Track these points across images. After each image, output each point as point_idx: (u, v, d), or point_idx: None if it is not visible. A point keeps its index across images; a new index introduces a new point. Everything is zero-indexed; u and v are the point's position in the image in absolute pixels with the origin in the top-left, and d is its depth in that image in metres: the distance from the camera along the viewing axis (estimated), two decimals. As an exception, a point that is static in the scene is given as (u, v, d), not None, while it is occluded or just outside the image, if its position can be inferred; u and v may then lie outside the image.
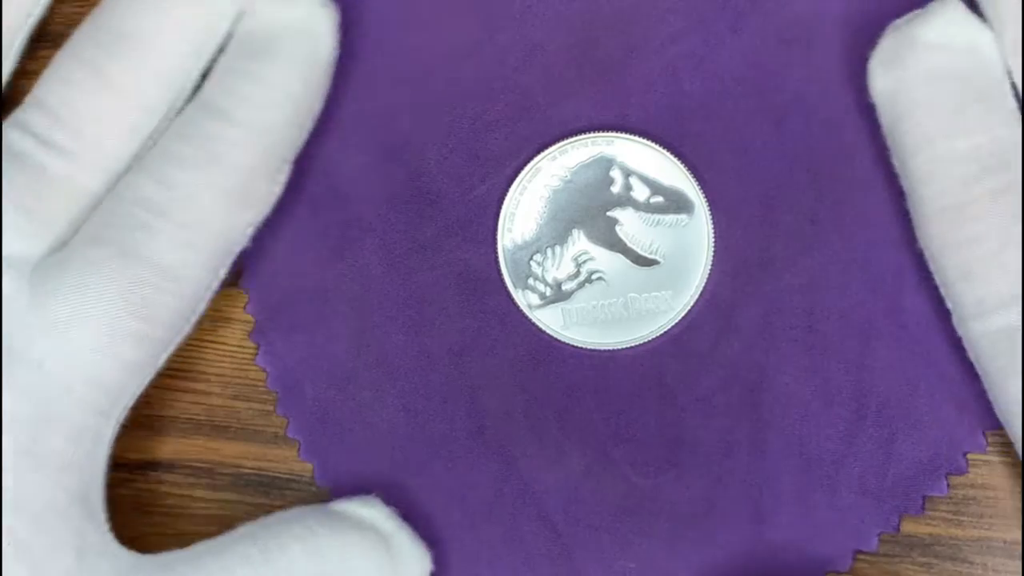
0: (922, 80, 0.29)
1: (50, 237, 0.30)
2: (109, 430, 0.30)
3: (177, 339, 0.30)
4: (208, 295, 0.30)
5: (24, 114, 0.30)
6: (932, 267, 0.29)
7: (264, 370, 0.33)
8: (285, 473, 0.34)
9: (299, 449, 0.33)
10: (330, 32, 0.31)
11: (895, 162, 0.30)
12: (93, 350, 0.29)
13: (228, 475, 0.34)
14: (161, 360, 0.30)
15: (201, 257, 0.29)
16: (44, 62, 0.34)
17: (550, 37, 0.33)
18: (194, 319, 0.30)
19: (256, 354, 0.33)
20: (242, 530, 0.30)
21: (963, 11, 0.29)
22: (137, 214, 0.29)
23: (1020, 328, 0.28)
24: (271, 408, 0.33)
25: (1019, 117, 0.29)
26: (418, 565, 0.31)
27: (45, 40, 0.34)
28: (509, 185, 0.33)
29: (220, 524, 0.34)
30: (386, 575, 0.30)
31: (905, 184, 0.30)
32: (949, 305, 0.29)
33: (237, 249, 0.30)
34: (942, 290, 0.29)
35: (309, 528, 0.30)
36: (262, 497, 0.34)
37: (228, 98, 0.30)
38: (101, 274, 0.29)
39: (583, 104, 0.33)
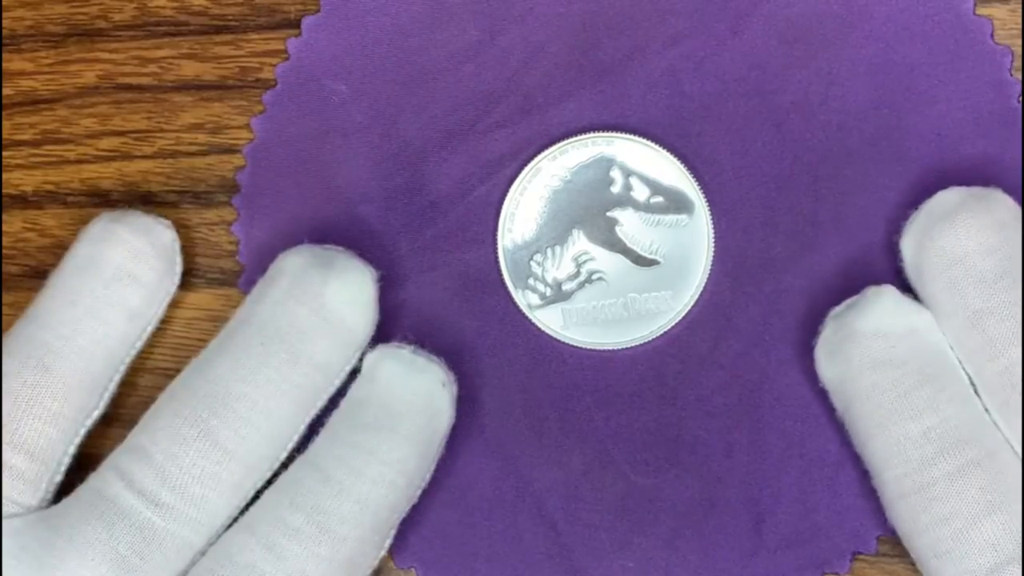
0: (866, 368, 0.29)
1: None
2: None
3: None
4: None
5: (129, 464, 0.29)
6: (905, 545, 0.29)
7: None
8: (284, 473, 0.33)
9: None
10: (450, 409, 0.30)
11: (855, 446, 0.30)
12: None
13: (227, 475, 0.34)
14: None
15: None
16: (42, 62, 0.34)
17: (551, 38, 0.33)
18: None
19: (256, 354, 0.33)
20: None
21: (897, 297, 0.29)
22: None
23: None
24: (271, 408, 0.33)
25: (971, 390, 0.29)
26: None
27: (45, 40, 0.34)
28: (509, 185, 0.33)
29: (219, 524, 0.34)
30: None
31: (868, 466, 0.30)
32: None
33: None
34: (918, 565, 0.29)
35: None
36: (261, 497, 0.34)
37: (342, 470, 0.29)
38: None
39: (584, 105, 0.33)
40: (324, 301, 0.30)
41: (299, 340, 0.30)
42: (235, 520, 0.30)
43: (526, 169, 0.32)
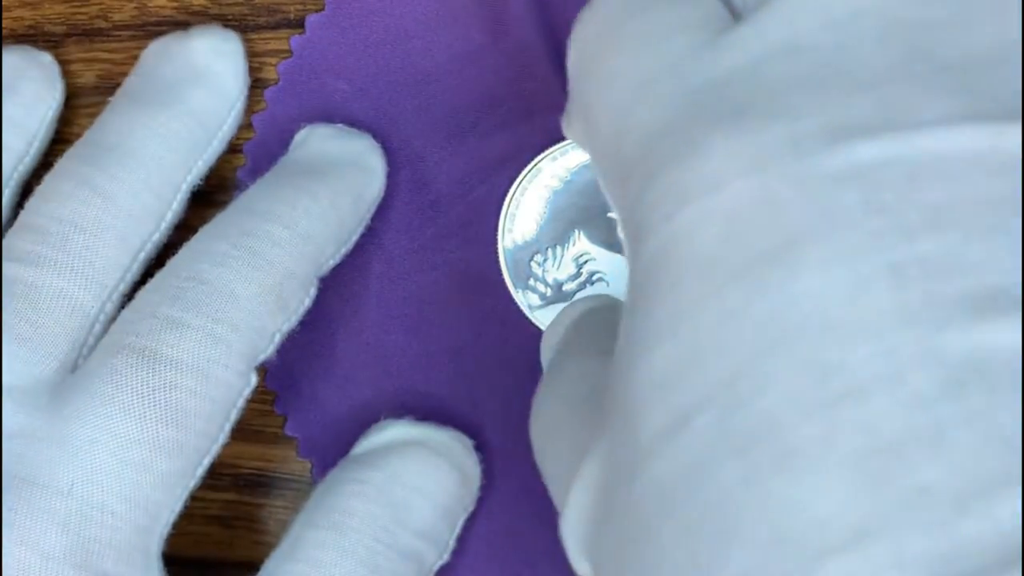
0: None
1: (54, 361, 0.28)
2: (155, 546, 0.27)
3: (213, 448, 0.28)
4: (240, 402, 0.28)
5: (10, 239, 0.29)
6: None
7: (263, 369, 0.33)
8: (285, 472, 0.33)
9: (298, 448, 0.33)
10: (382, 172, 0.31)
11: None
12: (123, 467, 0.27)
13: (228, 475, 0.34)
14: (199, 469, 0.28)
15: (232, 356, 0.28)
16: (45, 61, 0.34)
17: (551, 40, 0.33)
18: (227, 427, 0.28)
19: (256, 354, 0.33)
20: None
21: None
22: (164, 313, 0.27)
23: None
24: (270, 407, 0.33)
25: None
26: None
27: (44, 40, 0.34)
28: (509, 186, 0.33)
29: (220, 524, 0.34)
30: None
31: None
32: None
33: (263, 356, 0.29)
34: None
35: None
36: (262, 497, 0.34)
37: (273, 202, 0.29)
38: (126, 385, 0.27)
39: (584, 105, 0.33)
40: (189, 55, 0.31)
41: (169, 90, 0.30)
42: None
43: (526, 169, 0.32)
